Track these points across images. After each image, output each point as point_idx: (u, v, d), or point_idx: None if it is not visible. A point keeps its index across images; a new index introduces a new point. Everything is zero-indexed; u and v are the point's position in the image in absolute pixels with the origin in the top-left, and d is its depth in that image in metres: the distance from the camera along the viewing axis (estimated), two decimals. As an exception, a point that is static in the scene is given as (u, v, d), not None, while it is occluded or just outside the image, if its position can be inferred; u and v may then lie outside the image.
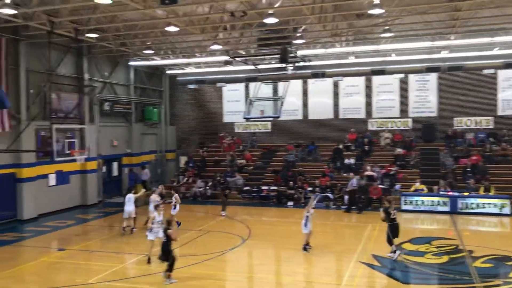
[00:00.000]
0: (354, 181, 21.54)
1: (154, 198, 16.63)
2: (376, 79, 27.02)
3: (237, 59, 22.52)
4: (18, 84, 19.69)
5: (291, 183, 23.79)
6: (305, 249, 14.36)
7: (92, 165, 23.62)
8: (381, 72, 23.66)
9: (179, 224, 17.59)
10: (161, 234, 12.41)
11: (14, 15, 16.23)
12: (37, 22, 17.27)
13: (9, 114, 18.87)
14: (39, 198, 20.52)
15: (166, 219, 12.13)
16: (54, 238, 17.00)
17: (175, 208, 17.28)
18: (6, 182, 19.34)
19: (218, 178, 25.60)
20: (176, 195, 17.66)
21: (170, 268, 11.51)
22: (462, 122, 26.00)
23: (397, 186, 22.73)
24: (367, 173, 23.34)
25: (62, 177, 22.16)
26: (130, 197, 17.11)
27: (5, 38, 18.57)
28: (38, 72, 20.81)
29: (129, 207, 16.89)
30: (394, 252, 13.35)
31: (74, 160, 19.74)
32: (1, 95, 7.05)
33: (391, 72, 23.51)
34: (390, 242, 13.53)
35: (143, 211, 17.64)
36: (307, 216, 14.36)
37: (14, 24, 17.75)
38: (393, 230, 13.52)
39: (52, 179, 21.60)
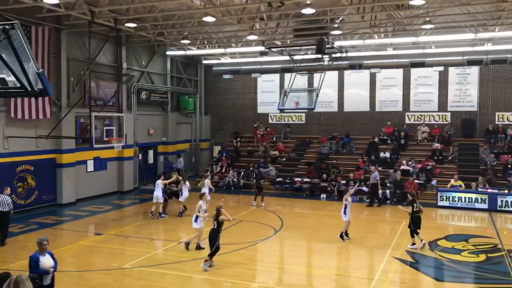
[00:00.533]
0: (375, 175, 21.23)
1: (208, 183, 18.11)
2: (415, 72, 26.41)
3: (272, 49, 22.44)
4: (59, 72, 20.26)
5: (324, 175, 23.63)
6: (341, 236, 14.41)
7: (128, 152, 24.13)
8: (420, 65, 23.04)
9: (182, 212, 18.12)
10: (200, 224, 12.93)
11: (56, 5, 16.66)
12: (78, 12, 17.67)
13: (50, 101, 19.50)
14: (77, 184, 21.16)
15: (217, 206, 12.12)
16: (91, 223, 17.50)
17: (181, 195, 18.05)
18: (47, 167, 20.01)
19: (251, 168, 25.70)
20: (187, 182, 18.47)
21: (211, 254, 11.69)
22: (504, 117, 25.14)
23: (433, 182, 22.24)
24: (402, 167, 22.93)
25: (100, 164, 22.75)
26: (158, 182, 17.97)
27: (48, 27, 19.12)
28: (78, 61, 21.35)
29: (157, 192, 17.81)
30: (414, 244, 13.65)
31: (112, 147, 20.23)
32: (45, 83, 7.19)
33: (430, 65, 22.85)
34: (412, 234, 13.81)
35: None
36: (346, 205, 14.53)
37: (56, 14, 18.24)
38: (415, 223, 13.84)
39: (90, 165, 22.22)
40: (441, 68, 24.49)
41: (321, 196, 22.92)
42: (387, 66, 23.63)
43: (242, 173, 25.76)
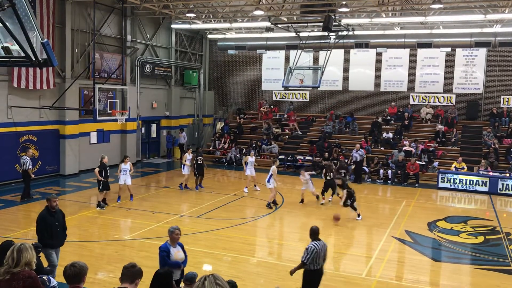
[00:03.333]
0: (356, 153, 21.30)
1: (250, 159, 18.71)
2: (421, 52, 26.17)
3: (278, 25, 22.20)
4: (63, 43, 20.14)
5: (326, 154, 23.66)
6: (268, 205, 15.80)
7: (132, 125, 24.16)
8: (428, 45, 22.79)
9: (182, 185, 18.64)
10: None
11: (61, -26, 16.46)
12: (83, -18, 17.47)
13: (54, 72, 19.44)
14: (80, 155, 21.26)
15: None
16: (93, 194, 17.64)
17: (184, 168, 18.57)
18: (50, 138, 20.09)
19: (254, 145, 25.75)
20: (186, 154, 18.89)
21: None
22: (509, 101, 25.00)
23: (435, 163, 22.28)
24: (405, 148, 22.94)
25: (103, 136, 22.82)
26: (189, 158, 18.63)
27: (52, -4, 18.92)
28: (83, 32, 21.21)
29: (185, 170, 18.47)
30: (359, 215, 14.74)
31: (115, 120, 20.25)
32: (49, 53, 7.16)
33: (437, 46, 22.60)
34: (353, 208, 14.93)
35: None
36: (271, 174, 16.00)
37: (61, -17, 18.04)
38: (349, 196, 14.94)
39: (93, 137, 22.30)
40: (448, 49, 24.23)
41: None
42: (393, 45, 23.38)
43: (244, 150, 25.81)
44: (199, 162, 18.68)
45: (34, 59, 7.20)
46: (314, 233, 7.98)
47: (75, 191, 18.14)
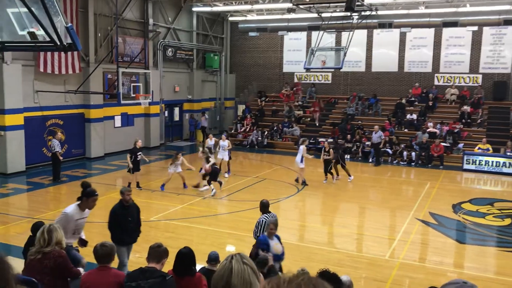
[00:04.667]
0: (376, 135, 21.22)
1: (222, 143, 17.78)
2: (446, 32, 25.52)
3: (300, 6, 21.91)
4: (87, 27, 20.34)
5: (349, 136, 23.50)
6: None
7: (155, 109, 24.40)
8: (453, 24, 22.22)
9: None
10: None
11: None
12: (105, -34, 17.53)
13: (79, 57, 19.70)
14: (105, 138, 21.62)
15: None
16: (118, 176, 17.98)
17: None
18: (76, 122, 20.46)
19: (275, 128, 25.73)
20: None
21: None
22: (539, 80, 24.31)
23: (460, 145, 21.91)
24: (429, 130, 22.60)
25: (127, 119, 23.12)
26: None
27: (75, -19, 19.07)
28: (106, 16, 21.36)
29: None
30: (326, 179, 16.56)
31: (139, 104, 20.45)
32: (73, 37, 7.25)
33: (463, 24, 22.01)
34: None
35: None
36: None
37: (83, -32, 18.14)
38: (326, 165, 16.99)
39: (118, 121, 22.61)
40: (475, 28, 23.58)
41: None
42: (418, 25, 22.87)
43: (266, 133, 25.83)
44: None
45: (59, 43, 7.31)
46: (264, 207, 8.26)
47: (101, 173, 18.50)
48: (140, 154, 15.54)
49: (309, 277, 1.68)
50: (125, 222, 7.98)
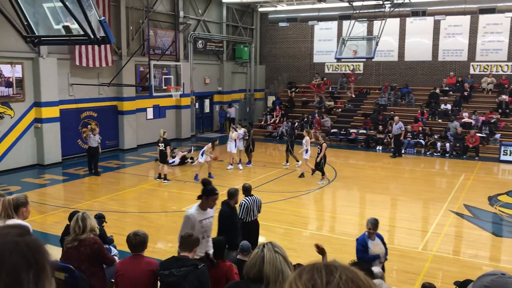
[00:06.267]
0: (396, 126, 20.64)
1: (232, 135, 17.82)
2: (483, 19, 24.70)
3: (331, -5, 21.62)
4: (119, 21, 20.65)
5: (381, 127, 23.16)
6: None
7: (186, 101, 24.63)
8: (491, 11, 21.45)
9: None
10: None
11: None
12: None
13: (111, 50, 20.05)
14: (138, 130, 22.00)
15: None
16: (151, 168, 18.27)
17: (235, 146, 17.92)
18: (109, 114, 20.88)
19: (305, 119, 25.59)
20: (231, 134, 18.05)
21: None
22: None
23: (497, 136, 21.27)
24: (464, 120, 22.03)
25: (159, 111, 23.44)
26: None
27: (107, -25, 19.36)
28: (137, 9, 21.63)
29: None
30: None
31: (170, 96, 20.68)
32: (106, 30, 7.39)
33: (502, 11, 21.24)
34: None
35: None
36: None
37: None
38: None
39: (150, 113, 22.96)
40: (514, 14, 22.73)
41: (377, 148, 22.60)
42: (453, 12, 22.21)
43: (296, 124, 25.70)
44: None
45: (92, 36, 7.46)
46: (246, 190, 8.71)
47: (134, 164, 18.85)
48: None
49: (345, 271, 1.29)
50: (235, 224, 7.89)
